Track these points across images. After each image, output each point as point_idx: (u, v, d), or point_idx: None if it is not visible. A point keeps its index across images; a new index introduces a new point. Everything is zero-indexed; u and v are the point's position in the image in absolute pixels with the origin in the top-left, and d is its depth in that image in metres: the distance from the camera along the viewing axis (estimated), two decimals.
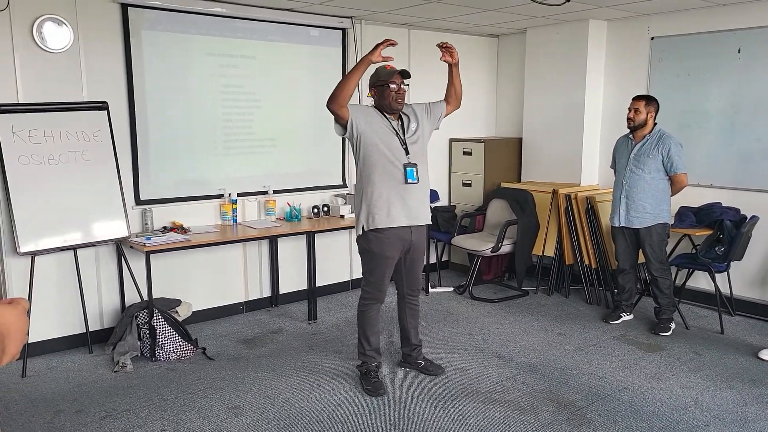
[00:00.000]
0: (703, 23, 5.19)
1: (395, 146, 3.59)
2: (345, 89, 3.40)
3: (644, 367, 4.12)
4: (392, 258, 3.69)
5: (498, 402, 3.62)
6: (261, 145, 5.28)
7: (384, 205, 3.57)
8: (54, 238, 4.12)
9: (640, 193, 4.61)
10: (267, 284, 5.44)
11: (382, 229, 3.60)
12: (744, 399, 3.66)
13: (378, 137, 3.56)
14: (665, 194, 4.63)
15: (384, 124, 3.61)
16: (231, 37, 4.99)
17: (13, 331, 0.94)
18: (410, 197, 3.61)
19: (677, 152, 4.52)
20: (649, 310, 5.09)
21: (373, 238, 3.63)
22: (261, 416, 3.46)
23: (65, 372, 4.09)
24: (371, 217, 3.59)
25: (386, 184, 3.57)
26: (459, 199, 6.57)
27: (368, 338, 3.82)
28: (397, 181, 3.58)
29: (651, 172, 4.57)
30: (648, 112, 4.60)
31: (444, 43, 3.68)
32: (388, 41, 3.40)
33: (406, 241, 3.69)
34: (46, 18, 4.13)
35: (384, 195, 3.57)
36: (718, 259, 4.76)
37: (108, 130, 4.35)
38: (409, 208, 3.61)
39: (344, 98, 3.42)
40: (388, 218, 3.58)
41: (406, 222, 3.63)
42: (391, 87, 3.55)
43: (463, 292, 5.82)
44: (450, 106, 3.88)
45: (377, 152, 3.56)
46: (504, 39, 6.73)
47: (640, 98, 4.66)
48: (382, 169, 3.57)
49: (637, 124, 4.62)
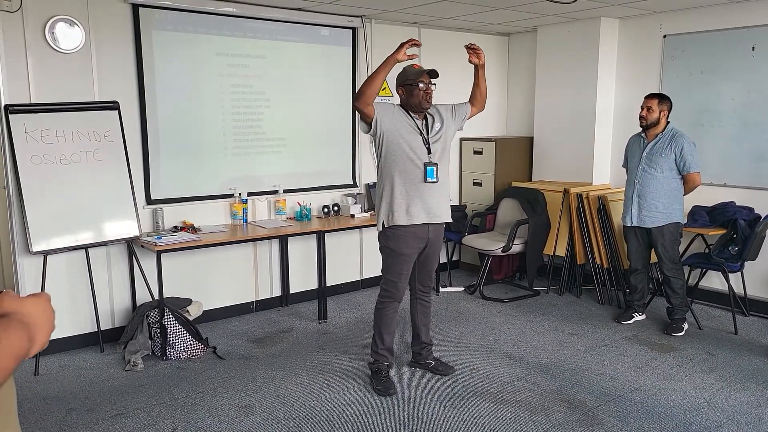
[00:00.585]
0: (717, 21, 5.14)
1: (418, 145, 3.62)
2: (371, 87, 3.45)
3: (656, 368, 4.08)
4: (409, 256, 3.72)
5: (509, 402, 3.60)
6: (271, 144, 5.28)
7: (403, 202, 3.62)
8: (66, 238, 4.15)
9: (653, 193, 4.58)
10: (277, 284, 5.45)
11: (400, 227, 3.64)
12: (758, 400, 3.61)
13: (401, 136, 3.60)
14: (678, 193, 4.59)
15: (408, 122, 3.64)
16: (241, 36, 5.00)
17: (41, 321, 0.98)
18: (430, 195, 3.65)
19: (690, 151, 4.48)
20: (661, 310, 5.05)
21: (392, 234, 3.67)
22: (271, 415, 3.47)
23: (77, 370, 4.12)
24: (391, 214, 3.64)
25: (406, 182, 3.62)
26: (469, 198, 6.55)
27: (383, 337, 3.82)
28: (417, 179, 3.62)
29: (663, 171, 4.53)
30: (661, 110, 4.56)
31: (472, 44, 3.71)
32: (412, 41, 3.46)
33: (424, 239, 3.72)
34: (59, 19, 4.15)
35: (404, 192, 3.62)
36: (732, 259, 4.72)
37: (119, 129, 4.37)
38: (428, 206, 3.65)
39: (370, 96, 3.47)
40: (407, 215, 3.62)
41: (426, 219, 3.67)
42: (420, 86, 3.58)
43: (473, 292, 5.80)
44: (474, 108, 3.87)
45: (399, 150, 3.60)
46: (515, 37, 6.70)
47: (653, 96, 4.62)
48: (403, 167, 3.61)
49: (650, 122, 4.58)
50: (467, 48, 3.72)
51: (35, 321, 0.98)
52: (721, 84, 5.17)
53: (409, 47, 3.44)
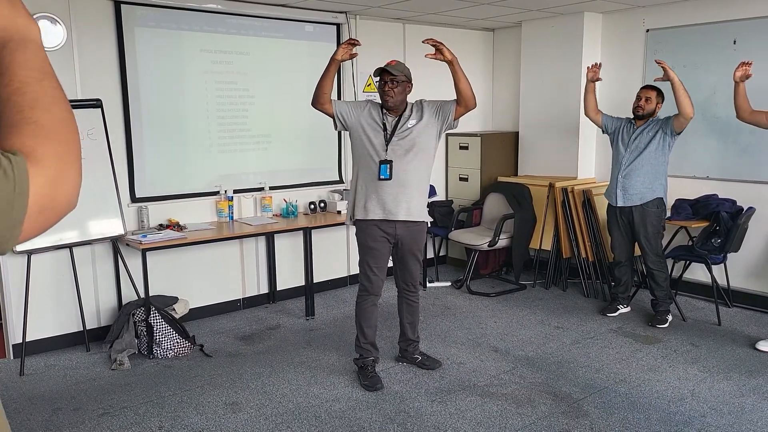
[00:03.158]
0: (698, 15, 5.19)
1: (378, 141, 3.64)
2: (318, 87, 3.61)
3: (641, 360, 4.12)
4: (376, 249, 3.73)
5: (495, 395, 3.63)
6: (256, 141, 5.27)
7: (361, 197, 3.70)
8: (50, 237, 4.11)
9: (638, 171, 4.64)
10: (264, 281, 5.44)
11: (359, 221, 3.73)
12: (741, 390, 3.66)
13: (363, 131, 3.66)
14: (662, 169, 4.65)
15: (375, 119, 3.65)
16: (225, 33, 4.97)
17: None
18: (384, 192, 3.63)
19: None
20: (646, 302, 5.10)
21: (357, 227, 3.78)
22: (259, 412, 3.47)
23: (63, 370, 4.09)
24: (353, 208, 3.75)
25: (365, 178, 3.69)
26: (456, 193, 6.57)
27: (364, 331, 3.84)
28: (373, 175, 3.65)
29: (651, 151, 4.60)
30: (657, 103, 4.66)
31: (429, 39, 3.54)
32: (351, 40, 3.56)
33: (391, 235, 3.72)
34: (40, 16, 4.11)
35: (363, 188, 3.69)
36: (715, 251, 4.77)
37: (102, 127, 4.33)
38: (384, 203, 3.64)
39: (319, 96, 3.62)
40: (364, 210, 3.69)
41: (382, 216, 3.66)
42: (380, 83, 3.67)
43: (460, 287, 5.82)
44: (460, 107, 3.65)
45: (360, 146, 3.69)
46: (499, 33, 6.72)
47: (652, 88, 4.70)
48: (364, 163, 3.69)
49: (647, 112, 4.65)
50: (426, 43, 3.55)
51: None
52: (704, 78, 5.21)
53: (347, 46, 3.53)
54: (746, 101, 4.32)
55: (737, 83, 4.32)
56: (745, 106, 4.32)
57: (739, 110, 4.37)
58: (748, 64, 4.28)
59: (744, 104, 4.32)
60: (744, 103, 4.32)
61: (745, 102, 4.32)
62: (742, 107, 4.33)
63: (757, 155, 4.97)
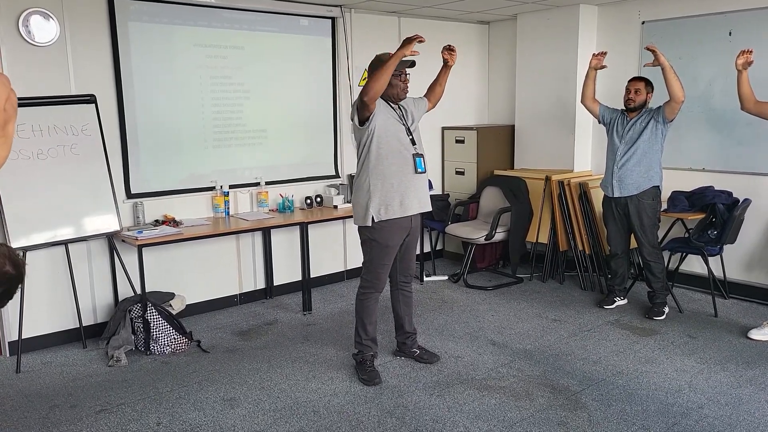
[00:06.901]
0: (694, 7, 5.18)
1: (403, 137, 3.64)
2: (380, 82, 3.40)
3: (638, 351, 4.13)
4: (394, 247, 3.74)
5: (493, 389, 3.63)
6: (252, 136, 5.24)
7: (397, 195, 3.60)
8: (45, 234, 4.10)
9: (632, 160, 4.64)
10: (261, 276, 5.43)
11: (392, 220, 3.63)
12: (738, 381, 3.67)
13: (390, 128, 3.60)
14: (656, 156, 4.65)
15: (392, 114, 3.64)
16: (219, 27, 4.95)
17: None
18: (420, 186, 3.69)
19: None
20: (642, 294, 5.11)
21: (381, 228, 3.64)
22: (256, 407, 3.46)
23: (59, 367, 4.08)
24: (383, 208, 3.60)
25: (399, 175, 3.61)
26: (452, 187, 6.56)
27: (366, 327, 3.83)
28: (409, 171, 3.62)
29: (644, 140, 4.60)
30: (647, 93, 4.66)
31: (451, 46, 3.80)
32: (418, 37, 3.40)
33: (406, 229, 3.74)
34: (33, 11, 4.08)
35: (396, 185, 3.60)
36: (711, 243, 4.78)
37: (97, 123, 4.31)
38: (420, 197, 3.69)
39: (378, 92, 3.43)
40: (401, 208, 3.62)
41: (418, 210, 3.71)
42: (401, 76, 3.59)
43: (457, 281, 5.82)
44: (430, 104, 3.94)
45: (392, 142, 3.60)
46: (495, 26, 6.70)
47: (640, 79, 4.70)
48: (394, 160, 3.60)
49: (638, 104, 4.65)
50: (446, 48, 3.80)
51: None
52: (699, 69, 5.21)
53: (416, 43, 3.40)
54: (750, 90, 4.26)
55: (740, 71, 4.26)
56: (750, 96, 4.26)
57: (743, 101, 4.30)
58: (749, 51, 4.24)
59: (748, 93, 4.26)
60: (748, 92, 4.25)
61: (750, 91, 4.26)
62: (747, 97, 4.27)
63: (753, 147, 4.97)
